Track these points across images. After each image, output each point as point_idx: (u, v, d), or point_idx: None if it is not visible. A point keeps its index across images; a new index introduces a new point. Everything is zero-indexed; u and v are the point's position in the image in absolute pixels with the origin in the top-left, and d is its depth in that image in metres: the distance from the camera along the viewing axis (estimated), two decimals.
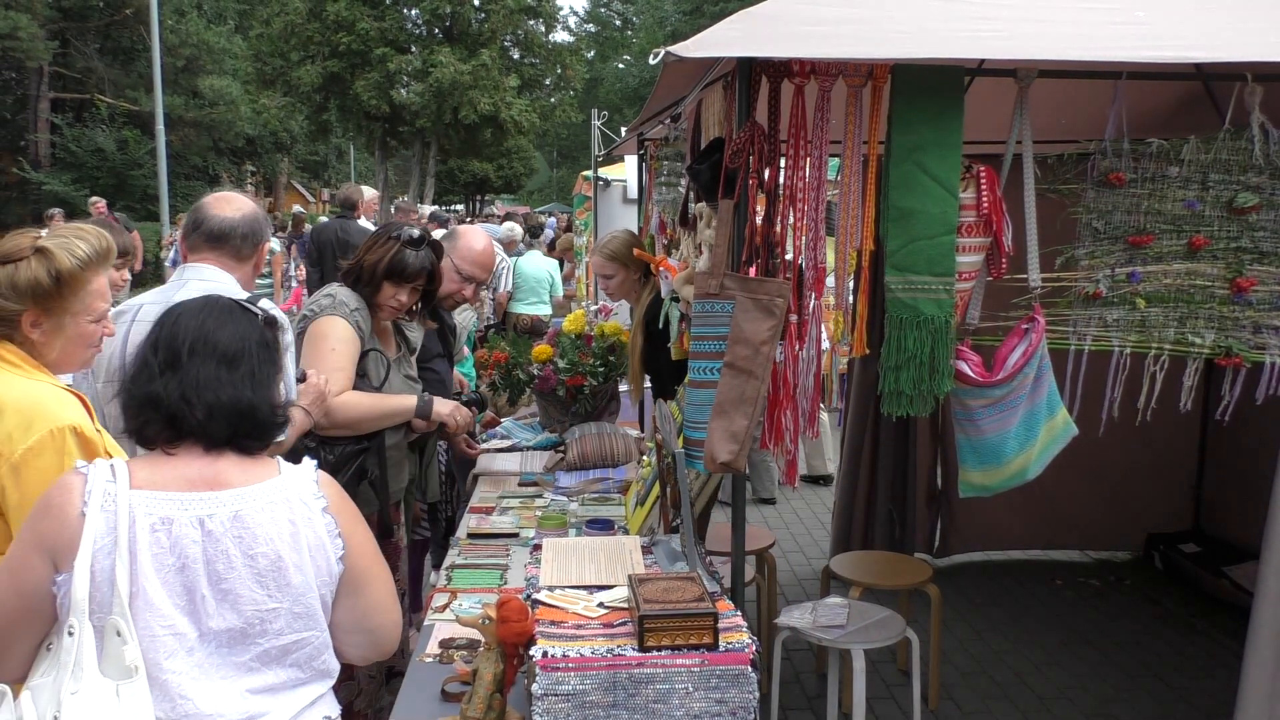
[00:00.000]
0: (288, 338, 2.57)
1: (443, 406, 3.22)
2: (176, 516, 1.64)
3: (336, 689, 3.16)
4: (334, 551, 1.75)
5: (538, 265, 9.79)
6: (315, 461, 1.84)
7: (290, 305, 10.20)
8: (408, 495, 3.38)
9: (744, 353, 2.48)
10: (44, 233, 2.18)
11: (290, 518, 1.70)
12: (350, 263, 3.15)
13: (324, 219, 12.57)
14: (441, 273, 3.28)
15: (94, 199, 12.74)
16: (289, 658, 1.74)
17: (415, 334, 3.41)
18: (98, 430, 2.09)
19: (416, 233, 3.15)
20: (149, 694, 1.62)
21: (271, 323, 1.85)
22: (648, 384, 4.20)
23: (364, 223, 9.27)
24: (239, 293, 2.59)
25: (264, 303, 2.60)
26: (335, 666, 1.83)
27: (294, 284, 11.87)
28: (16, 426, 1.95)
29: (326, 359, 2.93)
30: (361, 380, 3.03)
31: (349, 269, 3.14)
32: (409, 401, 3.13)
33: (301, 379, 2.82)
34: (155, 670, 1.64)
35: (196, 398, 1.68)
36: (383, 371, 3.08)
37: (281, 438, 1.83)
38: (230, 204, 2.85)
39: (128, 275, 4.00)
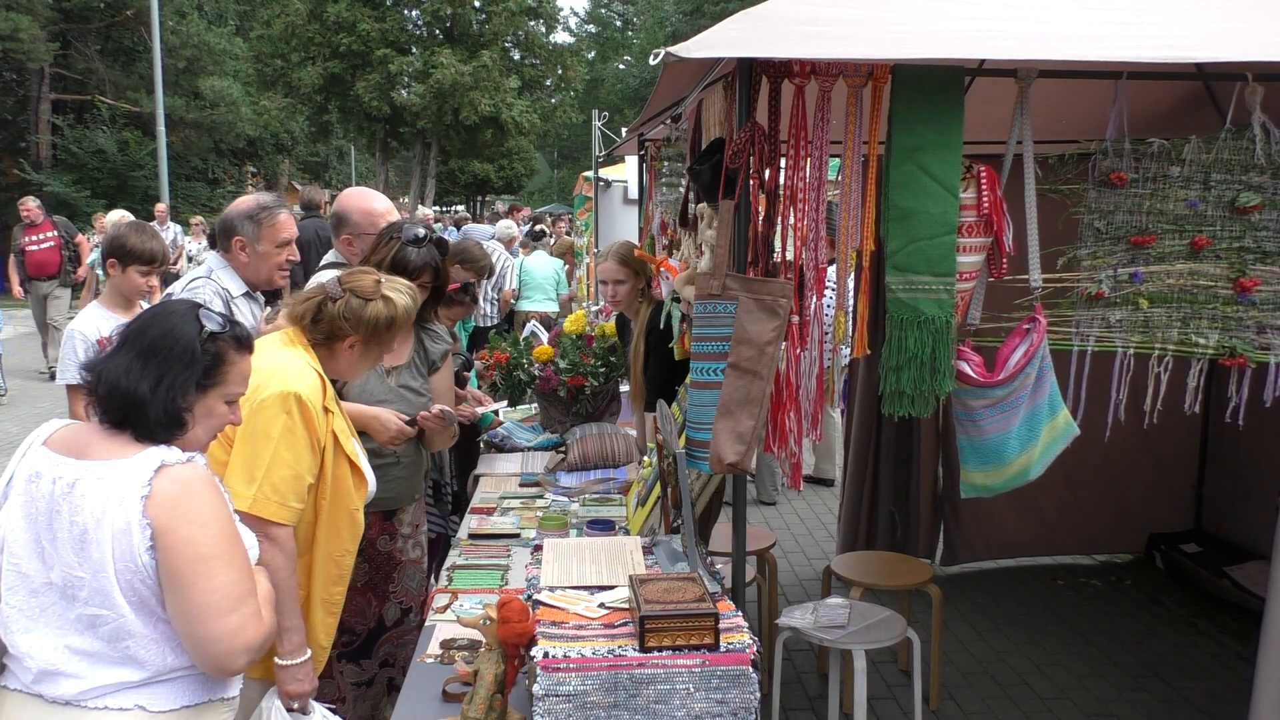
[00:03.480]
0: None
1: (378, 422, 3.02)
2: (44, 473, 1.87)
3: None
4: (140, 541, 1.80)
5: (544, 264, 10.23)
6: (187, 456, 1.90)
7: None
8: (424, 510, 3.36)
9: (748, 353, 2.47)
10: (381, 277, 2.64)
11: (107, 497, 1.81)
12: (358, 265, 3.18)
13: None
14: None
15: (23, 200, 11.68)
16: (97, 630, 1.84)
17: (437, 346, 3.32)
18: (325, 409, 2.46)
19: (420, 232, 3.17)
20: None
21: (216, 336, 1.96)
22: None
23: None
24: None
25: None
26: (152, 660, 1.86)
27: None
28: (265, 379, 2.36)
29: None
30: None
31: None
32: (374, 413, 2.99)
33: None
34: None
35: (107, 377, 1.88)
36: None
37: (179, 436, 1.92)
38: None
39: (155, 281, 3.96)
